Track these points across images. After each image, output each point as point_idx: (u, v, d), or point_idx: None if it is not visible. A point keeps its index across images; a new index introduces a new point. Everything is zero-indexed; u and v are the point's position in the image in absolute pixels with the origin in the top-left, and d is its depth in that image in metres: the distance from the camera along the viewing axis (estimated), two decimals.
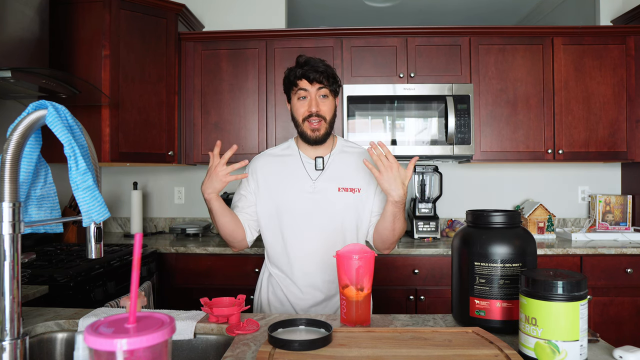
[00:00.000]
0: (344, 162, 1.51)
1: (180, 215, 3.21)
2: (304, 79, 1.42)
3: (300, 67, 1.43)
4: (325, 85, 1.43)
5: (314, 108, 1.42)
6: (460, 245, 1.08)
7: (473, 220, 1.08)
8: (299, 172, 1.49)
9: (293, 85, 1.45)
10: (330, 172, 1.48)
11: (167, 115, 2.75)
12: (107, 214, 0.94)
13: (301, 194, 1.45)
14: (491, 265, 1.00)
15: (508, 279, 1.00)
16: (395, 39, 2.78)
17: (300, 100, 1.45)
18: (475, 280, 1.02)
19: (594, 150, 2.74)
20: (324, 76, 1.42)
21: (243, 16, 3.19)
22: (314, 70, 1.41)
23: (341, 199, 1.45)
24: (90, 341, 0.52)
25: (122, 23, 2.57)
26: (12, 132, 0.84)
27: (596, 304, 2.41)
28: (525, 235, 1.04)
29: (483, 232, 1.04)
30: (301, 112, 1.45)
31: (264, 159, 1.54)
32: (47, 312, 1.21)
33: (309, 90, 1.43)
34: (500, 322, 1.00)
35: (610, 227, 2.86)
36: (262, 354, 0.85)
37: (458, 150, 2.65)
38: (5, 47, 1.96)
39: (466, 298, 1.04)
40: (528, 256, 1.01)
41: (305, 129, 1.45)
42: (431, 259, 2.44)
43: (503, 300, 1.00)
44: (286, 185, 1.47)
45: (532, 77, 2.76)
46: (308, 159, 1.51)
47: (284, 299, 1.50)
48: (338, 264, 1.11)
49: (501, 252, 1.00)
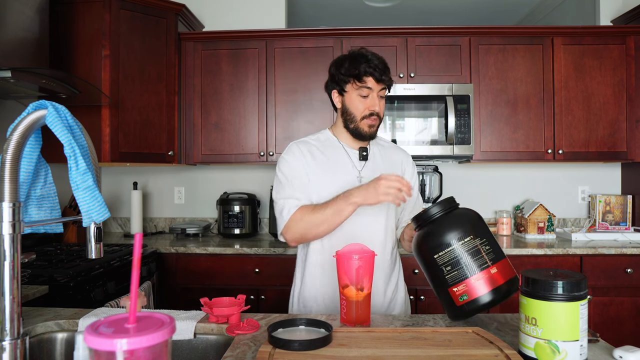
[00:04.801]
0: (381, 154, 1.54)
1: (180, 215, 3.21)
2: (371, 77, 1.40)
3: (367, 63, 1.39)
4: (387, 86, 1.45)
5: (377, 108, 1.43)
6: (417, 248, 1.11)
7: (417, 222, 1.13)
8: (344, 162, 1.48)
9: (357, 79, 1.41)
10: (373, 163, 1.50)
11: (167, 115, 2.75)
12: (107, 214, 0.94)
13: (348, 184, 1.43)
14: (448, 250, 1.03)
15: (469, 254, 1.02)
16: (395, 39, 2.78)
17: (362, 98, 1.43)
18: (443, 271, 1.03)
19: (594, 150, 2.74)
20: (388, 78, 1.43)
21: (243, 16, 3.19)
22: (383, 72, 1.40)
23: None
24: (90, 341, 0.52)
25: (122, 23, 2.57)
26: (12, 132, 0.84)
27: (596, 304, 2.41)
28: (464, 212, 1.09)
29: (428, 227, 1.09)
30: (361, 110, 1.43)
31: (306, 146, 1.48)
32: (47, 312, 1.21)
33: (372, 89, 1.42)
34: (488, 294, 1.00)
35: (610, 227, 2.86)
36: (262, 354, 0.85)
37: (458, 150, 2.65)
38: (5, 47, 1.95)
39: (446, 293, 1.05)
40: (476, 227, 1.05)
41: (363, 126, 1.44)
42: None
43: (476, 275, 1.00)
44: (333, 176, 1.44)
45: (532, 77, 2.76)
46: (351, 149, 1.50)
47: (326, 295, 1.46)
48: (338, 264, 1.11)
49: (450, 234, 1.03)
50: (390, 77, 1.44)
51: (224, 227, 2.84)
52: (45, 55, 2.21)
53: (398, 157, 1.56)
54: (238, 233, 2.82)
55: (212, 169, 3.20)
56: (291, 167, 1.45)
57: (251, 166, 3.16)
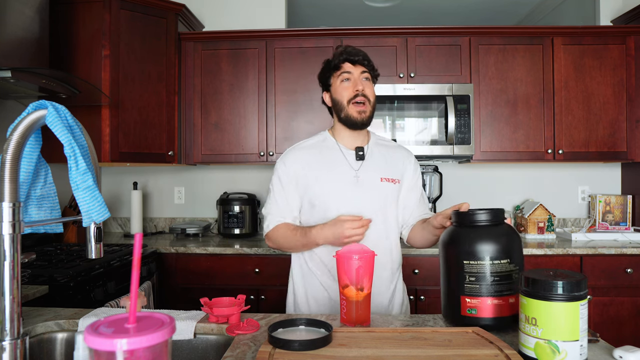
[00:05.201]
0: (382, 153, 1.53)
1: (180, 215, 3.21)
2: (347, 62, 1.44)
3: (343, 53, 1.45)
4: (367, 69, 1.46)
5: (360, 86, 1.44)
6: (448, 244, 1.09)
7: (458, 220, 1.10)
8: (340, 162, 1.48)
9: (335, 70, 1.46)
10: (371, 162, 1.49)
11: (167, 115, 2.75)
12: (107, 214, 0.94)
13: (345, 184, 1.45)
14: (480, 263, 1.01)
15: (497, 275, 1.00)
16: (395, 39, 2.78)
17: (344, 83, 1.45)
18: (466, 279, 1.02)
19: (594, 150, 2.74)
20: (366, 60, 1.45)
21: (243, 16, 3.19)
22: (356, 54, 1.45)
23: (384, 188, 1.46)
24: (90, 341, 0.52)
25: (122, 23, 2.57)
26: (12, 132, 0.84)
27: (596, 304, 2.41)
28: (511, 232, 1.06)
29: (470, 230, 1.05)
30: (346, 95, 1.45)
31: (295, 153, 1.52)
32: (47, 312, 1.21)
33: (352, 73, 1.44)
34: (492, 320, 1.01)
35: (610, 227, 2.86)
36: (262, 354, 0.85)
37: (458, 150, 2.65)
38: (5, 47, 1.95)
39: (456, 297, 1.04)
40: (515, 252, 1.03)
41: (351, 112, 1.44)
42: (431, 259, 2.44)
43: (494, 297, 1.00)
44: (328, 176, 1.46)
45: (532, 77, 2.76)
46: (347, 149, 1.50)
47: (324, 294, 1.46)
48: (338, 264, 1.11)
49: (489, 249, 1.01)
50: (370, 63, 1.47)
51: (224, 227, 2.84)
52: (45, 55, 2.21)
53: (399, 156, 1.56)
54: (238, 233, 2.82)
55: (212, 169, 3.20)
56: (279, 180, 1.50)
57: (251, 166, 3.16)
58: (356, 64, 1.44)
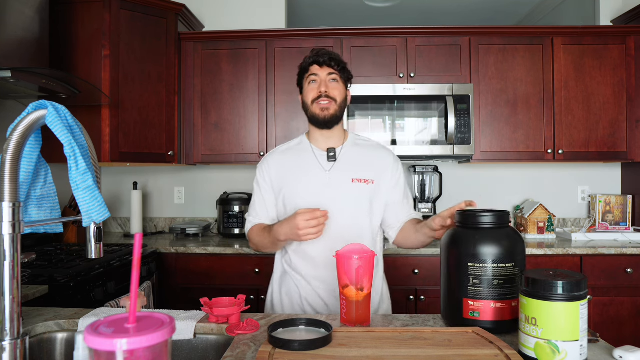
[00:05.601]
0: (356, 153, 1.52)
1: (180, 215, 3.21)
2: (314, 64, 1.47)
3: (311, 56, 1.49)
4: (335, 70, 1.47)
5: (323, 88, 1.46)
6: (451, 246, 1.07)
7: (462, 220, 1.08)
8: (312, 164, 1.50)
9: (305, 72, 1.50)
10: (343, 163, 1.49)
11: (167, 115, 2.75)
12: (107, 214, 0.94)
13: (315, 185, 1.46)
14: (484, 265, 1.00)
15: (501, 279, 1.00)
16: (395, 39, 2.78)
17: (311, 84, 1.49)
18: (469, 281, 1.01)
19: (594, 150, 2.74)
20: (334, 61, 1.47)
21: (243, 16, 3.19)
22: (323, 55, 1.47)
23: (355, 189, 1.46)
24: (90, 341, 0.52)
25: (122, 23, 2.57)
26: (12, 132, 0.84)
27: (596, 304, 2.41)
28: (515, 235, 1.05)
29: (474, 232, 1.04)
30: (311, 96, 1.48)
31: (274, 156, 1.57)
32: (47, 312, 1.21)
33: (319, 75, 1.47)
34: (493, 323, 1.00)
35: (610, 227, 2.86)
36: (262, 354, 0.85)
37: (458, 150, 2.65)
38: (5, 47, 1.95)
39: (458, 299, 1.04)
40: (518, 255, 1.02)
41: (315, 110, 1.47)
42: (431, 259, 2.44)
43: (497, 300, 1.00)
44: (300, 178, 1.48)
45: (532, 77, 2.76)
46: (320, 150, 1.52)
47: (297, 295, 1.48)
48: (338, 264, 1.11)
49: (495, 252, 1.00)
50: (339, 61, 1.48)
51: (224, 227, 2.84)
52: (45, 55, 2.21)
53: (376, 156, 1.54)
54: (238, 233, 2.82)
55: (212, 169, 3.20)
56: (257, 184, 1.57)
57: (251, 166, 3.16)
58: (323, 66, 1.46)
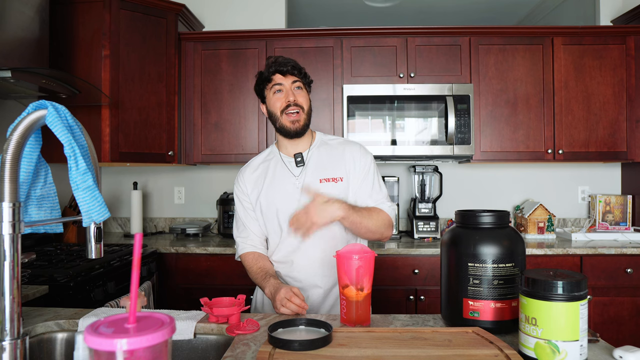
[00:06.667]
0: (324, 154, 1.53)
1: (180, 215, 3.21)
2: (277, 73, 1.46)
3: (272, 64, 1.47)
4: (298, 78, 1.48)
5: (292, 97, 1.46)
6: (451, 245, 1.07)
7: (462, 220, 1.08)
8: (282, 172, 1.51)
9: (267, 82, 1.49)
10: (311, 166, 1.50)
11: (167, 115, 2.75)
12: (107, 214, 0.94)
13: (288, 193, 1.48)
14: (484, 265, 1.00)
15: (501, 279, 1.00)
16: (395, 39, 2.78)
17: (277, 94, 1.48)
18: (469, 281, 1.01)
19: (594, 150, 2.74)
20: (296, 69, 1.47)
21: (243, 16, 3.19)
22: (286, 64, 1.46)
23: (324, 189, 1.46)
24: (90, 341, 0.52)
25: (122, 23, 2.57)
26: (12, 132, 0.84)
27: (596, 304, 2.41)
28: (515, 235, 1.05)
29: (474, 232, 1.04)
30: (278, 105, 1.47)
31: (248, 171, 1.58)
32: (47, 312, 1.21)
33: (284, 84, 1.46)
34: (493, 323, 1.00)
35: (610, 227, 2.86)
36: (262, 354, 0.85)
37: (458, 150, 2.65)
38: (5, 47, 1.96)
39: (458, 299, 1.04)
40: (519, 256, 1.02)
41: (284, 122, 1.47)
42: (431, 259, 2.44)
43: (497, 300, 1.00)
44: (274, 188, 1.50)
45: (532, 77, 2.76)
46: (289, 158, 1.53)
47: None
48: (338, 264, 1.11)
49: (495, 252, 1.00)
50: (300, 69, 1.48)
51: (224, 227, 2.84)
52: (45, 55, 2.21)
53: (342, 153, 1.52)
54: None
55: (212, 169, 3.20)
56: (240, 202, 1.57)
57: None
58: (287, 75, 1.46)
